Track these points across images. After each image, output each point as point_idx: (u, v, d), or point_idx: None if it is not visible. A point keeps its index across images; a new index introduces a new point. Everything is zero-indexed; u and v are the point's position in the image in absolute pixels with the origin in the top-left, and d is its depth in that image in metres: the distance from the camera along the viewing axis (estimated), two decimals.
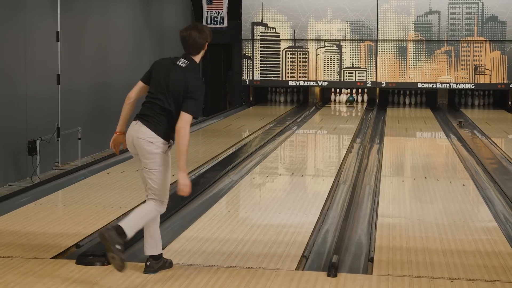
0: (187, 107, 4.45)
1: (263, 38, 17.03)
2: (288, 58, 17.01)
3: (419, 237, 5.64)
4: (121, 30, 12.82)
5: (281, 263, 4.90)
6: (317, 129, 13.26)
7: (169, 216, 6.02)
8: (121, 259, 4.26)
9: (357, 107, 16.90)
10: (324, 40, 16.88)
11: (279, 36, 16.99)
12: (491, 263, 4.92)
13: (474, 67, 16.48)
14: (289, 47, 16.98)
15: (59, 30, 9.93)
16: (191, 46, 4.61)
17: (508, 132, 12.65)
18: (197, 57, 4.65)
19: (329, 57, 16.92)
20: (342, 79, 16.91)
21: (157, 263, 4.60)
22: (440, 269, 4.78)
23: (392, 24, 16.67)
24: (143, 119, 4.52)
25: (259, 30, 17.02)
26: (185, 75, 4.52)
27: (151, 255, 4.59)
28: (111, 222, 5.94)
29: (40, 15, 9.60)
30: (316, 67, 16.94)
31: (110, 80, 12.03)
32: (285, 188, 7.81)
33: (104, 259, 4.74)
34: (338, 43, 16.87)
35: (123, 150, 5.36)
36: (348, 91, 17.33)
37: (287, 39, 16.98)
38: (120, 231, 4.31)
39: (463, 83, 16.58)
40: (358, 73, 16.83)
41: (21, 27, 9.12)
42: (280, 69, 17.05)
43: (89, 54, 11.29)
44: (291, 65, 17.01)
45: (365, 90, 17.21)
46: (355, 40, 16.81)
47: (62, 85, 10.04)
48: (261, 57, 17.08)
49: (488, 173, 8.34)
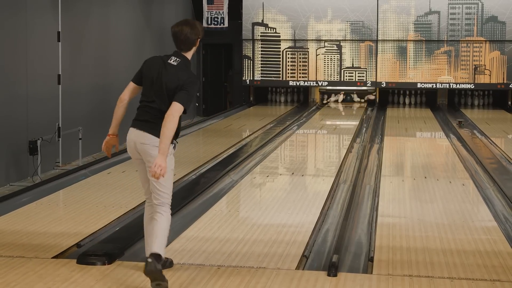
0: (178, 97, 4.36)
1: (264, 38, 17.03)
2: (289, 58, 17.01)
3: (419, 236, 5.65)
4: (121, 30, 12.83)
5: (282, 262, 4.91)
6: (317, 129, 13.27)
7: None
8: (166, 284, 4.29)
9: (355, 104, 16.92)
10: (324, 40, 16.88)
11: (279, 36, 16.99)
12: (490, 263, 4.93)
13: (473, 67, 16.48)
14: (289, 47, 16.99)
15: (60, 30, 9.93)
16: (183, 42, 4.52)
17: (508, 132, 12.65)
18: (189, 53, 4.56)
19: (329, 57, 16.92)
20: (342, 79, 16.92)
21: (157, 262, 4.60)
22: (440, 268, 4.79)
23: (392, 25, 16.67)
24: (144, 124, 4.47)
25: (259, 30, 17.03)
26: (178, 73, 4.44)
27: (152, 253, 4.59)
28: (111, 222, 5.96)
29: (41, 16, 9.61)
30: (316, 67, 16.95)
31: (111, 80, 12.04)
32: (285, 187, 7.82)
33: (105, 258, 4.75)
34: (338, 43, 16.87)
35: (115, 153, 5.35)
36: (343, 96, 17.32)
37: (287, 39, 16.98)
38: (158, 258, 4.33)
39: (463, 83, 16.58)
40: (358, 73, 16.84)
41: (22, 27, 9.14)
42: (281, 69, 17.05)
43: (90, 54, 11.30)
44: (291, 65, 17.01)
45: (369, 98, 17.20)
46: (355, 40, 16.82)
47: (63, 85, 10.05)
48: (261, 57, 17.08)
49: (487, 173, 8.34)
